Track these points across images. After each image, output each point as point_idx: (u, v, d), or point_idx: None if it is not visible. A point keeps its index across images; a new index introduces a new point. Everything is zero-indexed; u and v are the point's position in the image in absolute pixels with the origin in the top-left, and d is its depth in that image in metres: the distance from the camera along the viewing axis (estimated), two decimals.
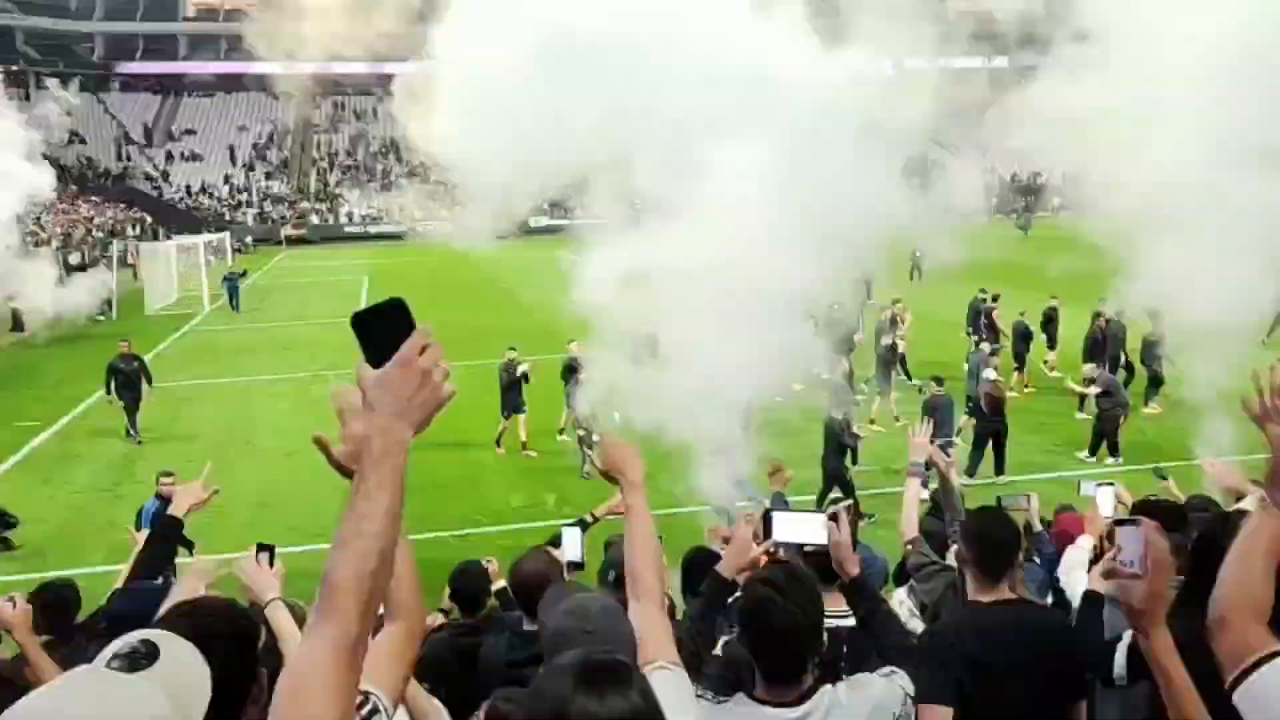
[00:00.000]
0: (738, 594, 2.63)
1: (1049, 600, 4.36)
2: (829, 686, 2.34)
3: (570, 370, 13.30)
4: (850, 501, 8.91)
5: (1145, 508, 3.86)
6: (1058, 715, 2.86)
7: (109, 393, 14.89)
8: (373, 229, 49.89)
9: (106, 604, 4.11)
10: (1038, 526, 4.90)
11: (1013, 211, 47.85)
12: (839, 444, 11.10)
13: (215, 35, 59.59)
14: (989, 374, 12.69)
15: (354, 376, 1.36)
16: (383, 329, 1.39)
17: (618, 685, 1.37)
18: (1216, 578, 2.16)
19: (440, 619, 4.95)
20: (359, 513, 1.31)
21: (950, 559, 4.11)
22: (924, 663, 2.64)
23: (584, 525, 5.12)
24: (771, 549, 3.02)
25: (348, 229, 49.94)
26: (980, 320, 17.41)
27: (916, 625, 3.85)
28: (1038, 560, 4.93)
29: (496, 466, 13.20)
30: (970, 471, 11.85)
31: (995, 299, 17.42)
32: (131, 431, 14.89)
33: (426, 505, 10.65)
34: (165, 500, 8.04)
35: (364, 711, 1.66)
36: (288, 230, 48.72)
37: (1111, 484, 4.70)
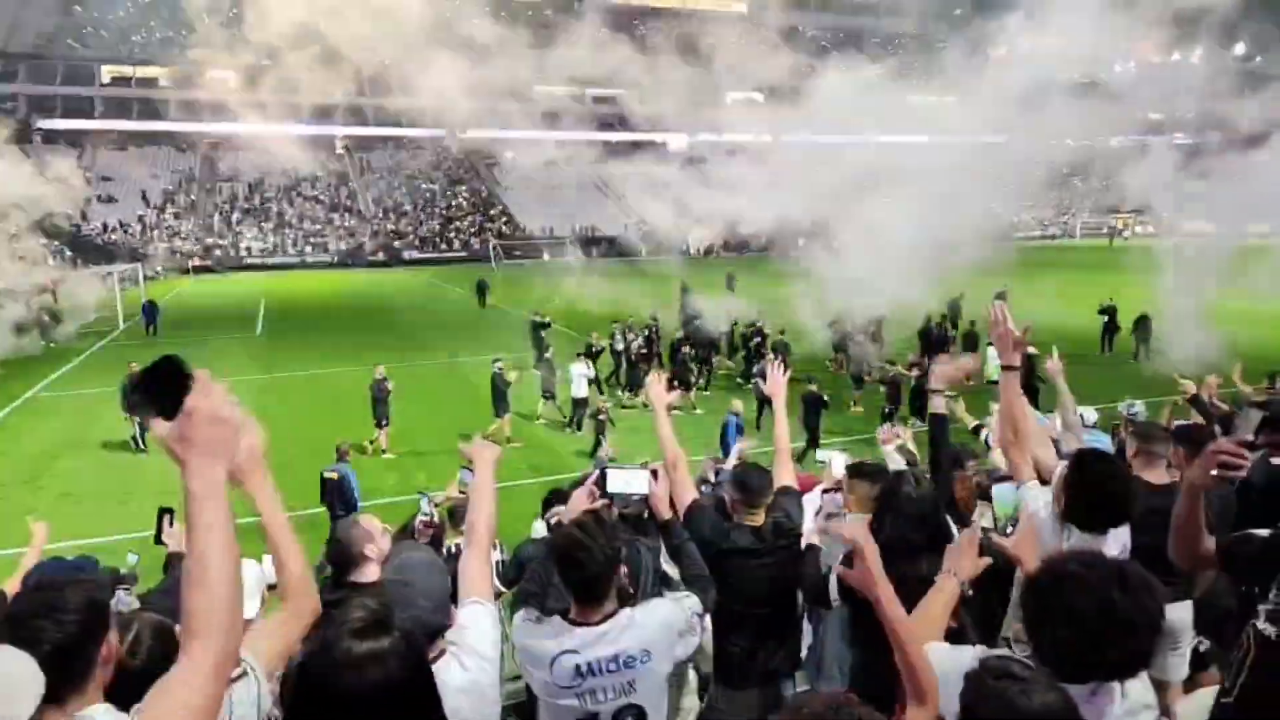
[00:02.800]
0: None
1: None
2: (627, 609, 2.61)
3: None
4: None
5: (855, 470, 4.27)
6: (789, 611, 3.60)
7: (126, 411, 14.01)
8: (269, 260, 53.52)
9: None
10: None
11: None
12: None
13: (129, 99, 65.62)
14: None
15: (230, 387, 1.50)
16: (164, 386, 1.43)
17: (378, 633, 1.54)
18: (890, 519, 2.90)
19: None
20: (199, 552, 1.39)
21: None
22: (709, 585, 3.01)
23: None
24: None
25: (247, 260, 53.01)
26: None
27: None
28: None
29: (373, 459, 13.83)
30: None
31: None
32: (140, 443, 14.28)
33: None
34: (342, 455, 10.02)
35: (234, 673, 1.68)
36: (194, 261, 51.14)
37: (842, 451, 5.13)
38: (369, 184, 65.99)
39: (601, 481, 3.23)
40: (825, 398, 13.83)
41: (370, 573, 3.55)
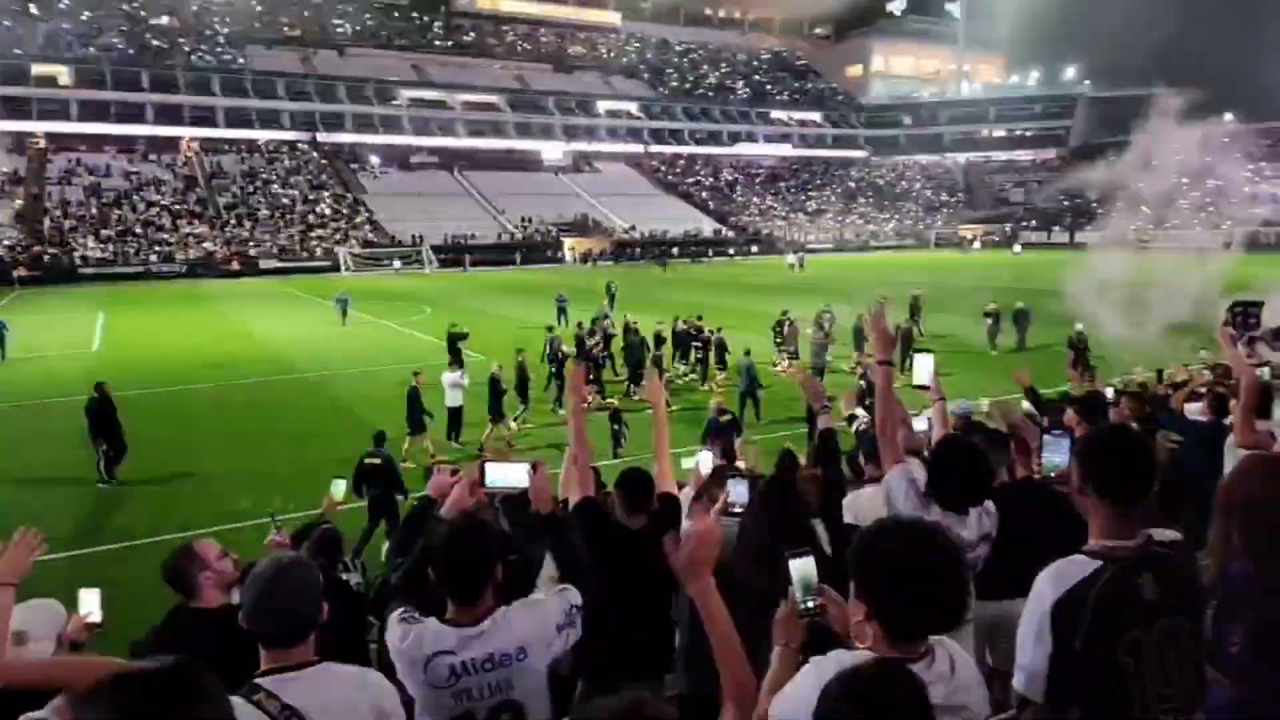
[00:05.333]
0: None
1: None
2: (504, 608, 2.60)
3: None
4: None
5: (717, 474, 4.60)
6: (662, 610, 3.71)
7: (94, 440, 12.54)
8: (108, 270, 49.48)
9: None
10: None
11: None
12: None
13: None
14: None
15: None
16: None
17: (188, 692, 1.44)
18: (752, 521, 3.17)
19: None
20: None
21: None
22: (590, 577, 3.01)
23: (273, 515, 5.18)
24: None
25: (83, 270, 48.76)
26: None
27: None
28: None
29: (226, 475, 12.65)
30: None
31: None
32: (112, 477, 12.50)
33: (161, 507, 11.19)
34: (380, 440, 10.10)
35: None
36: (20, 272, 46.53)
37: (710, 451, 5.32)
38: (221, 189, 62.41)
39: (480, 475, 3.21)
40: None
41: (211, 598, 3.34)
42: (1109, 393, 7.60)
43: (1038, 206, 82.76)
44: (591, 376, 17.32)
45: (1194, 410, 7.00)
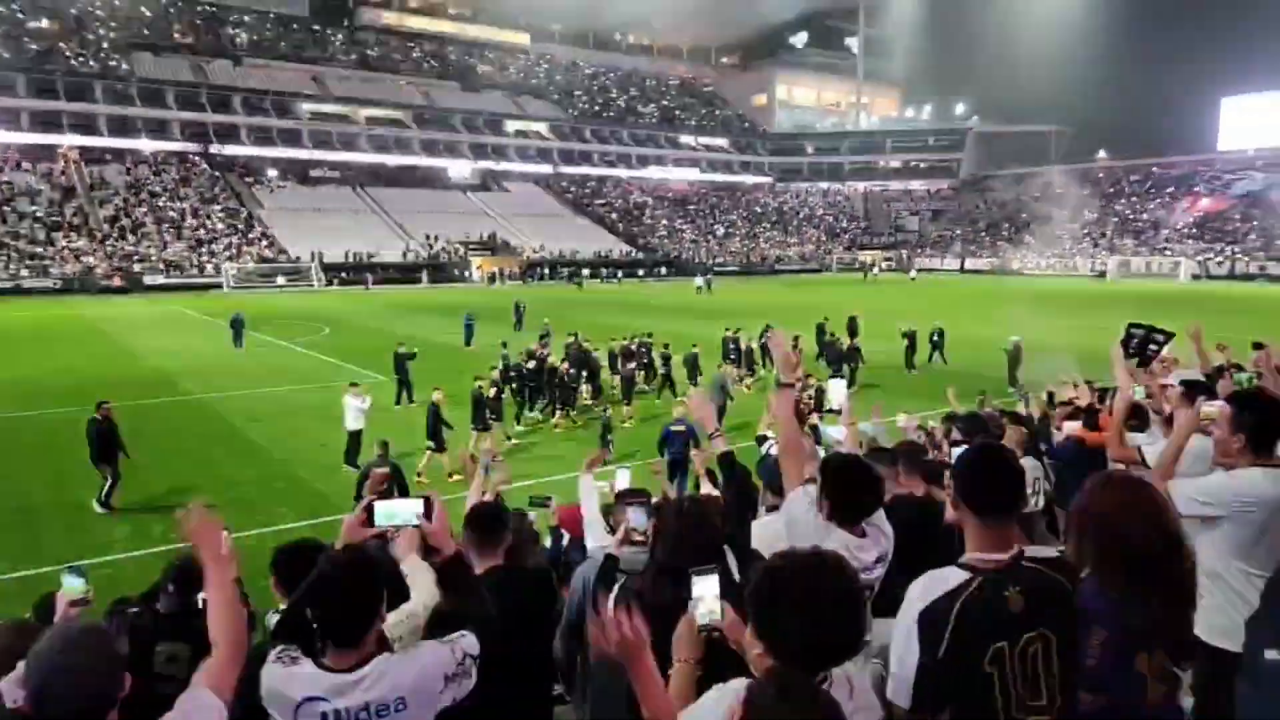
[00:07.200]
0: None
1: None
2: (386, 654, 2.47)
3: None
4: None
5: (623, 496, 4.56)
6: (543, 645, 3.59)
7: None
8: None
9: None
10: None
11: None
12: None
13: None
14: None
15: None
16: None
17: None
18: (661, 543, 3.09)
19: None
20: None
21: None
22: (490, 623, 2.82)
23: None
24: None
25: None
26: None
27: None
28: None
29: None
30: None
31: None
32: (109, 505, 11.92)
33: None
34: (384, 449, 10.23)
35: None
36: None
37: (628, 468, 5.30)
38: (102, 200, 59.16)
39: (368, 514, 3.00)
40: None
41: None
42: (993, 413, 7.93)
43: (930, 235, 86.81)
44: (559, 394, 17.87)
45: (1072, 429, 7.43)
